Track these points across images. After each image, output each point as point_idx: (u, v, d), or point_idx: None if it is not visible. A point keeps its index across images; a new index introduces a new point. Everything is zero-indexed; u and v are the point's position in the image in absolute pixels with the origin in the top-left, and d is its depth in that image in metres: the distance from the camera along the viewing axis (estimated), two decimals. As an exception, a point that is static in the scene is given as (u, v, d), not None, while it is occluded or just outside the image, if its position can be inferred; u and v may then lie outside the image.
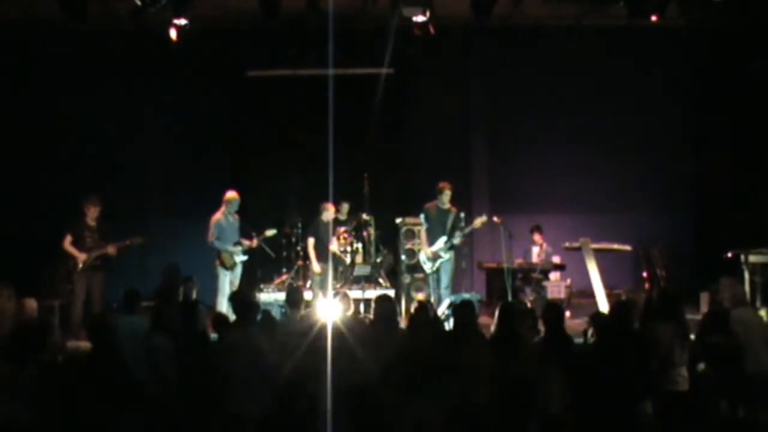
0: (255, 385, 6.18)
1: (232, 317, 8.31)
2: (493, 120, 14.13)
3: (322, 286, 11.71)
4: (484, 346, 6.67)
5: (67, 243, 10.89)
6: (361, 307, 11.74)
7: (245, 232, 11.49)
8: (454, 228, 11.50)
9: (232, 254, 11.24)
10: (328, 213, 11.92)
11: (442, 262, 11.54)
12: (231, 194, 11.36)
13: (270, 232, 11.65)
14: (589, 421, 5.96)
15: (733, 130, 13.23)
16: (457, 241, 11.50)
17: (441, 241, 11.51)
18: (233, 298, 8.73)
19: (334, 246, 11.94)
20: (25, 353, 5.73)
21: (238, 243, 11.29)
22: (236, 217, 11.44)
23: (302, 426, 5.38)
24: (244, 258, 11.39)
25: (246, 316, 7.42)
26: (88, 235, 10.93)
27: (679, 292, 7.76)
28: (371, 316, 9.06)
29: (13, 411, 5.43)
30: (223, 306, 10.77)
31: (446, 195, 11.52)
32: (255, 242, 11.49)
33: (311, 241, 11.92)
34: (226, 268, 11.24)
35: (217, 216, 11.30)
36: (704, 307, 10.49)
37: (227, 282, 11.22)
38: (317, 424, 5.38)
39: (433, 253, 11.55)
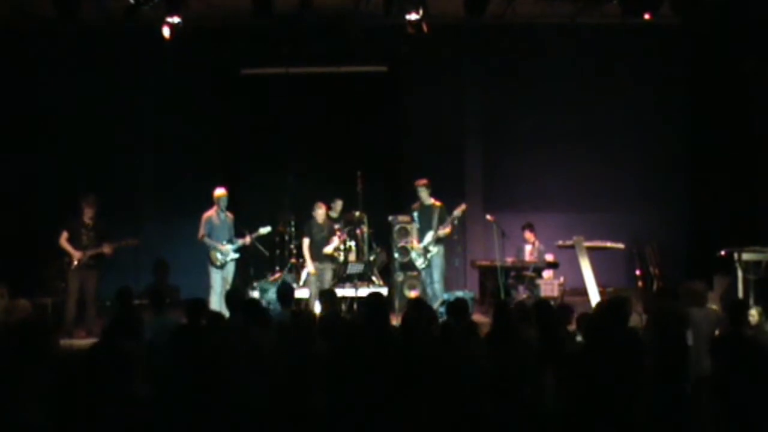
0: (254, 382, 6.17)
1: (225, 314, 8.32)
2: (487, 118, 14.13)
3: (319, 285, 11.70)
4: (478, 343, 6.68)
5: (63, 240, 10.88)
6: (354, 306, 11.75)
7: (238, 230, 11.49)
8: (441, 221, 11.54)
9: (221, 252, 11.24)
10: (320, 212, 11.95)
11: (432, 256, 11.58)
12: (219, 191, 11.36)
13: (264, 230, 11.64)
14: (585, 420, 5.96)
15: (727, 128, 13.24)
16: (442, 232, 11.53)
17: (429, 236, 11.57)
18: (231, 294, 8.67)
19: (328, 248, 11.93)
20: (36, 352, 5.70)
21: (230, 241, 11.29)
22: (229, 214, 11.45)
23: (300, 421, 5.39)
24: (236, 256, 11.38)
25: (245, 314, 7.40)
26: (84, 233, 10.92)
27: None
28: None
29: (31, 412, 5.39)
30: (215, 304, 10.76)
31: (422, 191, 11.64)
32: (248, 240, 11.48)
33: (306, 241, 11.94)
34: (215, 266, 11.25)
35: (209, 213, 11.32)
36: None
37: (219, 280, 11.22)
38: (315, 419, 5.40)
39: (423, 248, 11.61)
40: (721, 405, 5.27)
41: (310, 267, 11.80)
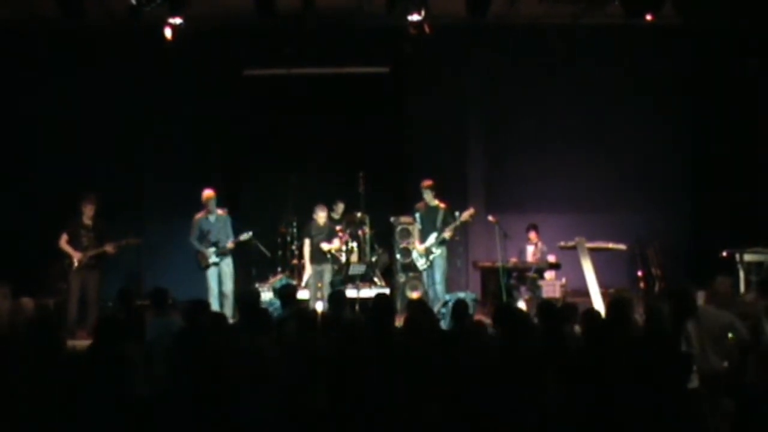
0: (256, 382, 6.17)
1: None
2: (489, 118, 14.11)
3: (318, 285, 11.75)
4: (479, 344, 6.67)
5: (63, 242, 10.88)
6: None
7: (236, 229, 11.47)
8: (445, 224, 11.55)
9: (203, 256, 11.23)
10: (321, 215, 12.02)
11: (434, 258, 11.58)
12: (207, 193, 11.31)
13: (244, 237, 11.47)
14: (587, 419, 5.96)
15: (729, 128, 13.24)
16: (447, 235, 11.54)
17: (432, 237, 11.57)
18: (242, 299, 8.63)
19: (326, 245, 11.98)
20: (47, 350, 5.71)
21: (215, 244, 11.20)
22: (221, 213, 11.38)
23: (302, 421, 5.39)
24: (216, 260, 11.27)
25: (252, 321, 7.37)
26: (84, 234, 10.93)
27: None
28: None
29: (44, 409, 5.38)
30: (214, 305, 10.75)
31: (427, 192, 11.65)
32: (231, 245, 11.33)
33: (306, 242, 12.06)
34: (199, 267, 11.23)
35: (200, 216, 11.31)
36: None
37: (214, 280, 11.23)
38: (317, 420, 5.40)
39: (425, 249, 11.61)
40: None
41: (307, 268, 11.88)
